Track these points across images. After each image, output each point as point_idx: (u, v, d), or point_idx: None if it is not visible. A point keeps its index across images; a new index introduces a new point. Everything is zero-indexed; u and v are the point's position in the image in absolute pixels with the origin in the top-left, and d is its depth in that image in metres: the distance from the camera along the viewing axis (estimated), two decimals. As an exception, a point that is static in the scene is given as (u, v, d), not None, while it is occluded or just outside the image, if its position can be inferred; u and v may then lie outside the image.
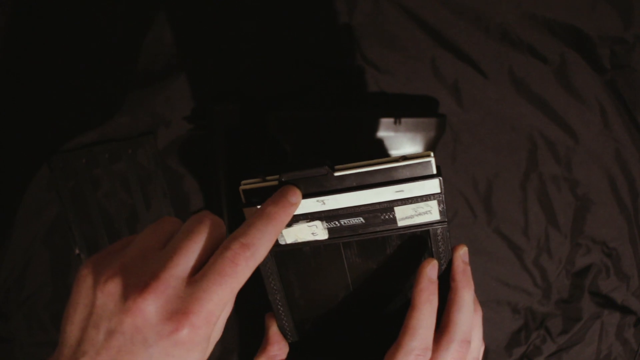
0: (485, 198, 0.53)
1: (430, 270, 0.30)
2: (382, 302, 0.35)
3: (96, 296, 0.24)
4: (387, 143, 0.47)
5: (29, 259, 0.52)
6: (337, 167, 0.30)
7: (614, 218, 0.53)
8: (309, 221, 0.31)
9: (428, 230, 0.31)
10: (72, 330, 0.24)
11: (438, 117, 0.47)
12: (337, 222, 0.31)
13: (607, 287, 0.54)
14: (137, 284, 0.23)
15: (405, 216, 0.31)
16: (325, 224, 0.31)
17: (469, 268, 0.32)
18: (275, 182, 0.30)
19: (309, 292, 0.35)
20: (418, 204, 0.30)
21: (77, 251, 0.52)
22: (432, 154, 0.29)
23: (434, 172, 0.29)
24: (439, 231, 0.31)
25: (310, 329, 0.36)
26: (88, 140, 0.52)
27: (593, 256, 0.54)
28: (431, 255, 0.32)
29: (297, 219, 0.31)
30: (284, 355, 0.36)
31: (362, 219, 0.31)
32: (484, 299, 0.54)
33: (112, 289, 0.23)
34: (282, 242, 0.32)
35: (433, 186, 0.29)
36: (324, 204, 0.31)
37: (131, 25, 0.51)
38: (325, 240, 0.32)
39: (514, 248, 0.53)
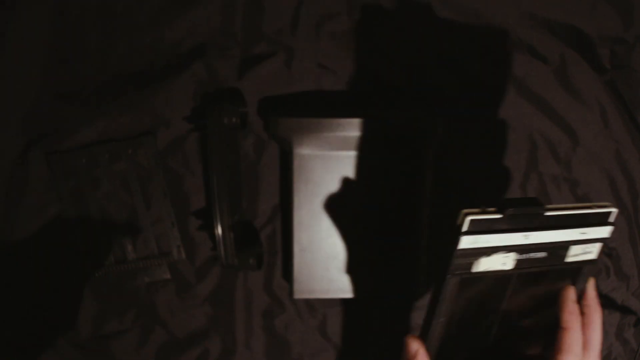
0: (486, 198, 0.53)
1: (573, 295, 0.35)
2: (525, 331, 0.38)
3: None
4: (387, 143, 0.47)
5: (29, 259, 0.52)
6: (547, 207, 0.33)
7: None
8: (507, 252, 0.33)
9: (580, 267, 0.36)
10: None
11: (438, 117, 0.47)
12: (526, 255, 0.34)
13: (607, 287, 0.54)
14: None
15: (574, 254, 0.35)
16: (516, 256, 0.34)
17: (597, 295, 0.37)
18: (497, 215, 0.32)
19: (467, 318, 0.36)
20: (587, 244, 0.35)
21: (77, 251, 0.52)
22: (615, 208, 0.34)
23: (613, 221, 0.35)
24: (589, 269, 0.36)
25: (448, 350, 0.37)
26: (88, 140, 0.52)
27: (593, 256, 0.54)
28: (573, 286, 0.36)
29: (497, 250, 0.33)
30: None
31: (545, 254, 0.34)
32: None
33: None
34: (473, 270, 0.33)
35: (606, 232, 0.35)
36: (528, 238, 0.33)
37: (131, 25, 0.51)
38: (509, 270, 0.34)
39: (514, 248, 0.53)
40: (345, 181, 0.48)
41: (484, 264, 0.33)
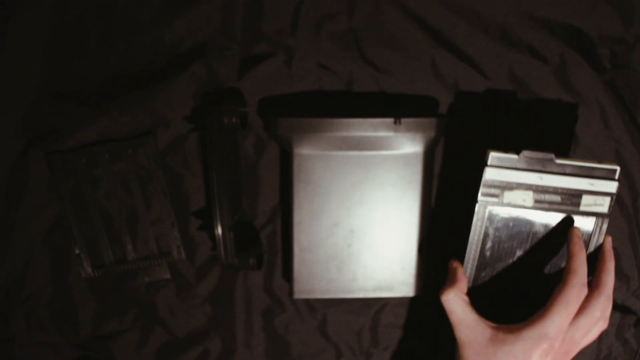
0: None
1: (579, 232, 0.42)
2: (544, 265, 0.45)
3: None
4: (387, 143, 0.47)
5: (29, 259, 0.52)
6: (557, 156, 0.42)
7: (613, 218, 0.53)
8: (525, 190, 0.42)
9: (594, 218, 0.43)
10: None
11: (438, 117, 0.47)
12: (542, 196, 0.42)
13: (607, 287, 0.54)
14: None
15: (586, 203, 0.42)
16: (534, 195, 0.42)
17: (612, 249, 0.44)
18: (515, 155, 0.42)
19: (496, 247, 0.44)
20: (598, 197, 0.42)
21: (77, 251, 0.52)
22: (618, 167, 0.42)
23: (617, 177, 0.42)
24: (602, 221, 0.43)
25: (482, 279, 0.45)
26: (88, 140, 0.52)
27: (593, 256, 0.54)
28: (589, 237, 0.43)
29: (518, 187, 0.42)
30: (465, 293, 0.43)
31: (559, 198, 0.42)
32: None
33: None
34: (500, 201, 0.43)
35: (613, 187, 0.42)
36: (542, 179, 0.42)
37: (131, 25, 0.51)
38: (529, 207, 0.43)
39: (514, 248, 0.53)
40: (345, 181, 0.48)
41: (507, 198, 0.43)
